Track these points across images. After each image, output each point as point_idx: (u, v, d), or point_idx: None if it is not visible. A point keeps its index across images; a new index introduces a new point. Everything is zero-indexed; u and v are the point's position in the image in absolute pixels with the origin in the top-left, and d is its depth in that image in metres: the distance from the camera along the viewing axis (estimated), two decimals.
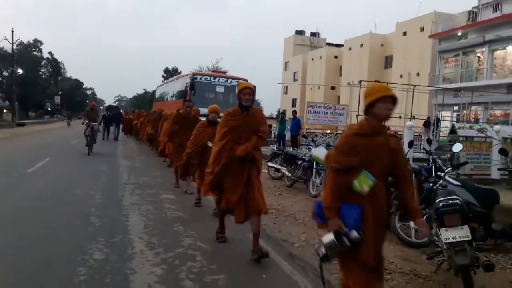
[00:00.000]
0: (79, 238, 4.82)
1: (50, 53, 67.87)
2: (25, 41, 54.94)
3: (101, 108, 35.72)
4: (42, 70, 66.65)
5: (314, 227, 5.94)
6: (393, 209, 5.66)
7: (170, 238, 4.98)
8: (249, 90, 4.41)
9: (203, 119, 10.59)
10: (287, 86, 50.60)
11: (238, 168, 4.39)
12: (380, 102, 2.68)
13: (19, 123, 34.67)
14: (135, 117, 22.98)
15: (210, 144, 5.63)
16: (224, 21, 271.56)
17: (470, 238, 3.53)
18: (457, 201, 3.66)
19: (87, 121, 14.02)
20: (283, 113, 23.46)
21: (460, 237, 3.53)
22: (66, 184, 8.35)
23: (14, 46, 42.84)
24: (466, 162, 5.73)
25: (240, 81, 16.31)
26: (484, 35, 24.89)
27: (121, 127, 24.44)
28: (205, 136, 6.07)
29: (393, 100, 2.71)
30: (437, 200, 3.78)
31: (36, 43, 61.29)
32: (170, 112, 11.76)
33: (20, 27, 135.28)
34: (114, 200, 7.02)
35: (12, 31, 40.54)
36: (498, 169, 6.46)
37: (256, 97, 17.60)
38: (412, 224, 5.24)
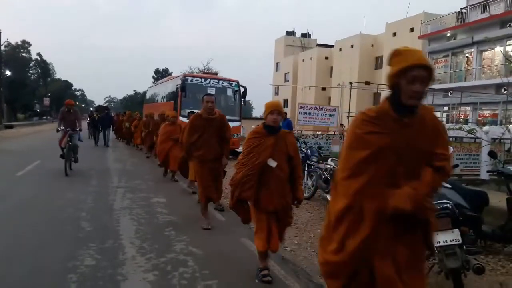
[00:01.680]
0: (70, 243, 4.77)
1: (39, 54, 67.23)
2: (13, 42, 54.46)
3: (91, 109, 35.40)
4: (30, 71, 66.00)
5: (306, 230, 5.97)
6: None
7: (162, 243, 4.95)
8: (424, 72, 2.07)
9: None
10: (278, 87, 50.70)
11: (392, 241, 2.09)
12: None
13: (7, 125, 34.28)
14: (126, 119, 20.93)
15: (273, 164, 3.80)
16: (214, 22, 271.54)
17: (460, 241, 3.56)
18: (448, 205, 3.69)
19: (62, 127, 10.05)
20: None
21: (450, 241, 3.56)
22: (56, 188, 8.27)
23: (2, 47, 42.42)
24: (457, 165, 5.80)
25: (231, 83, 16.30)
26: (472, 36, 25.16)
27: (111, 130, 21.48)
28: (264, 151, 3.82)
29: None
30: None
31: (25, 44, 60.70)
32: (172, 114, 10.48)
33: (8, 28, 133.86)
34: (105, 204, 6.97)
35: (0, 32, 40.16)
36: (488, 172, 6.56)
37: (247, 98, 17.63)
38: None
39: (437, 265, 3.87)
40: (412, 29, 31.55)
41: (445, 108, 26.63)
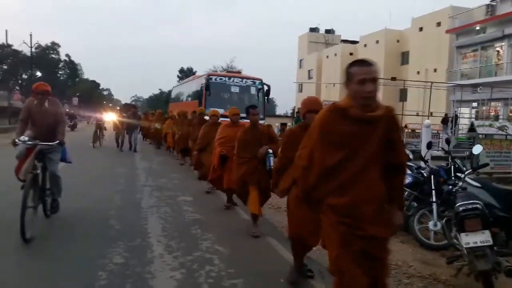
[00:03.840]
0: (99, 241, 4.89)
1: (67, 55, 69.04)
2: (43, 44, 56.15)
3: (118, 108, 35.76)
4: (60, 72, 67.84)
5: None
6: (412, 211, 5.64)
7: (188, 241, 5.02)
8: None
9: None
10: (302, 84, 50.45)
11: None
12: None
13: None
14: (156, 119, 18.45)
15: None
16: (237, 19, 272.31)
17: (491, 243, 3.49)
18: (478, 205, 3.61)
19: (24, 138, 5.07)
20: (298, 112, 23.40)
21: (481, 242, 3.49)
22: (84, 186, 8.46)
23: (33, 49, 43.82)
24: (487, 164, 5.66)
25: (254, 81, 16.37)
26: (503, 29, 24.40)
27: (139, 133, 18.18)
28: None
29: None
30: (457, 204, 3.74)
31: (54, 46, 62.43)
32: (234, 111, 6.56)
33: (38, 31, 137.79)
34: (133, 202, 7.11)
35: (31, 34, 41.53)
36: None
37: (271, 96, 17.61)
38: (431, 226, 5.18)
39: (466, 266, 3.80)
40: (439, 23, 30.84)
41: (474, 104, 25.93)
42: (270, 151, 5.06)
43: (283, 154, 3.78)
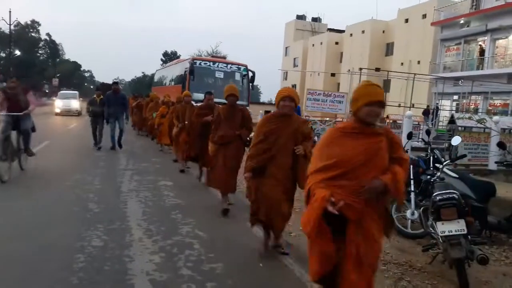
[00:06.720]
0: (78, 224, 4.84)
1: (48, 34, 67.28)
2: (22, 22, 54.56)
3: (95, 89, 33.81)
4: (40, 51, 66.15)
5: None
6: (391, 199, 5.72)
7: (168, 226, 5.01)
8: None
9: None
10: (287, 72, 50.38)
11: None
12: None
13: None
14: (153, 106, 13.78)
15: None
16: (224, 3, 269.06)
17: (465, 232, 3.58)
18: (454, 195, 3.69)
19: None
20: None
21: (455, 231, 3.57)
22: (64, 168, 8.36)
23: (12, 27, 42.55)
24: (465, 155, 5.77)
25: (239, 67, 16.27)
26: (486, 24, 24.70)
27: (125, 120, 11.95)
28: None
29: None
30: (434, 194, 3.82)
31: (34, 24, 60.69)
32: (377, 92, 2.70)
33: (17, 8, 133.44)
34: (113, 186, 7.04)
35: (10, 11, 40.33)
36: (496, 162, 6.57)
37: (256, 83, 17.59)
38: (408, 215, 5.27)
39: (441, 254, 3.90)
40: (424, 16, 31.05)
41: (455, 97, 26.36)
42: None
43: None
